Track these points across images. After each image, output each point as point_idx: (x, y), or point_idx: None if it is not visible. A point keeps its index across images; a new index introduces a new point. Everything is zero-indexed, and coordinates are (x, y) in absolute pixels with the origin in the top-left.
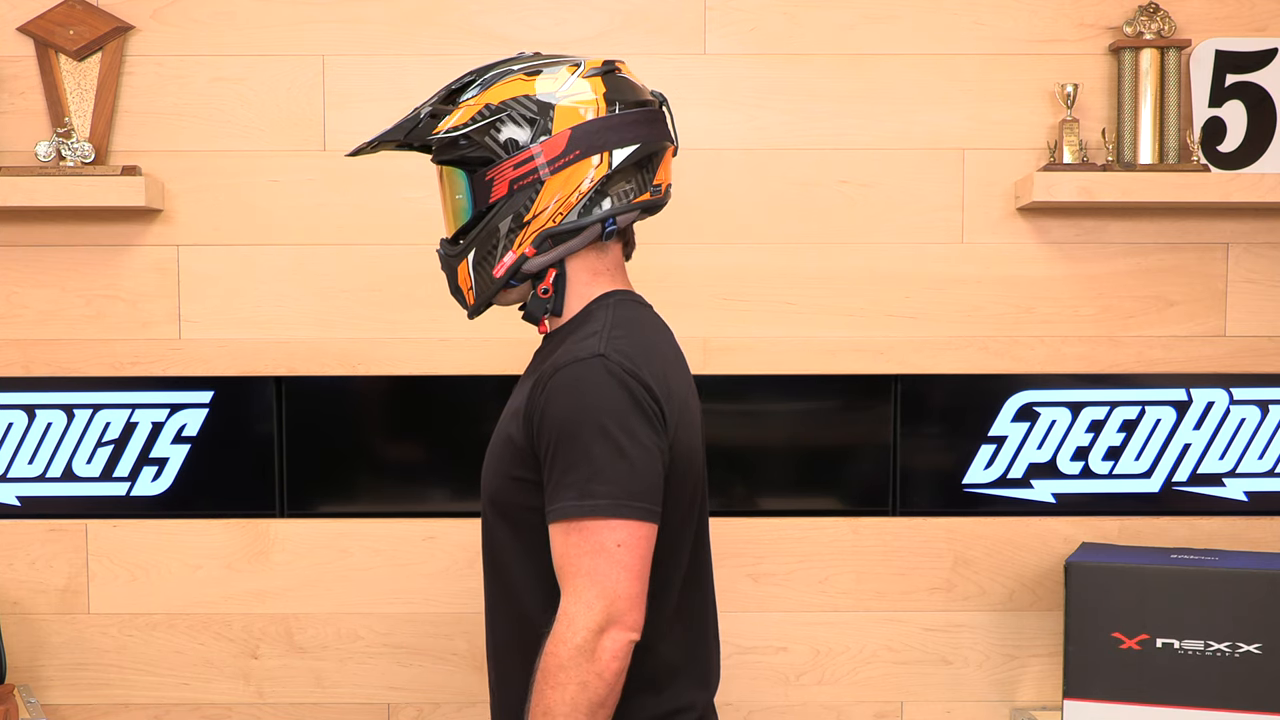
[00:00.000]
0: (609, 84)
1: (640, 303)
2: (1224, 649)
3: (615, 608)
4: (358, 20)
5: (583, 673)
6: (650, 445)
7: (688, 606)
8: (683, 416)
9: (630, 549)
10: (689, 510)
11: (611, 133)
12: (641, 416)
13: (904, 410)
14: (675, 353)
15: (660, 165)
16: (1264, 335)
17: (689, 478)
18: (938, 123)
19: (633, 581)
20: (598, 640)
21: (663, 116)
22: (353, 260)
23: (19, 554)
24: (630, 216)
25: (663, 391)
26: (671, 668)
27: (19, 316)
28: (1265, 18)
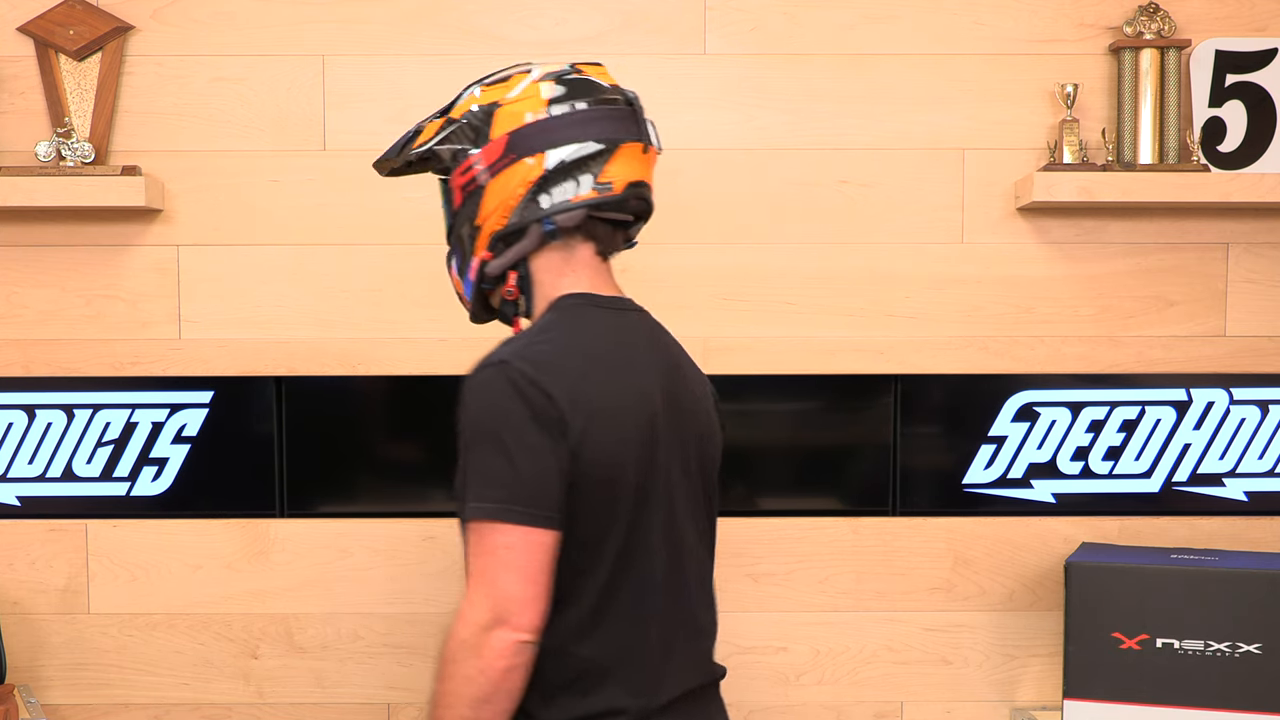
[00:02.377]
0: (559, 87)
1: (601, 304)
2: (1224, 649)
3: (502, 608)
4: (358, 20)
5: (468, 668)
6: (542, 452)
7: (618, 613)
8: (608, 424)
9: (518, 552)
10: (610, 518)
11: (547, 134)
12: (534, 424)
13: (904, 410)
14: (625, 360)
15: (611, 163)
16: (1264, 335)
17: (614, 485)
18: (938, 123)
19: (521, 584)
20: (484, 638)
21: (620, 115)
22: (353, 260)
23: (19, 554)
24: (572, 216)
25: (569, 399)
26: (599, 672)
27: (19, 316)
28: (1265, 18)
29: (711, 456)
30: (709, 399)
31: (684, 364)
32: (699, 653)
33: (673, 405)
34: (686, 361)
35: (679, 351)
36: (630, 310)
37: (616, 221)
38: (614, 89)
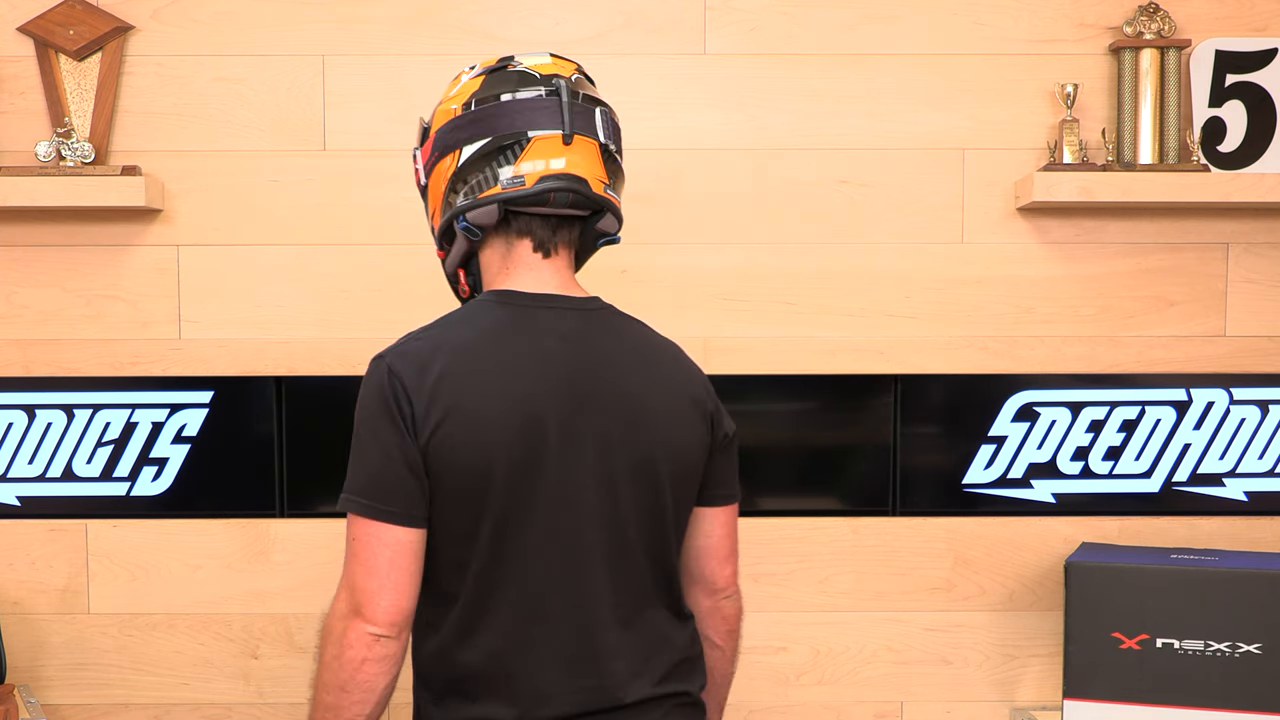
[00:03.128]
0: (487, 81)
1: (511, 302)
2: (1224, 649)
3: (355, 599)
4: (358, 20)
5: (328, 653)
6: (390, 446)
7: (493, 621)
8: (469, 423)
9: (363, 544)
10: (475, 520)
11: (462, 130)
12: (386, 417)
13: (904, 410)
14: (506, 360)
15: (524, 157)
16: (1264, 335)
17: (477, 487)
18: (938, 123)
19: (367, 576)
20: (341, 626)
21: (538, 106)
22: (353, 260)
23: (19, 554)
24: (485, 212)
25: (426, 396)
26: (481, 678)
27: (19, 316)
28: (1265, 18)
29: (671, 465)
30: (682, 402)
31: (633, 366)
32: (596, 676)
33: (590, 409)
34: (643, 364)
35: (628, 353)
36: (556, 309)
37: (562, 216)
38: (545, 79)
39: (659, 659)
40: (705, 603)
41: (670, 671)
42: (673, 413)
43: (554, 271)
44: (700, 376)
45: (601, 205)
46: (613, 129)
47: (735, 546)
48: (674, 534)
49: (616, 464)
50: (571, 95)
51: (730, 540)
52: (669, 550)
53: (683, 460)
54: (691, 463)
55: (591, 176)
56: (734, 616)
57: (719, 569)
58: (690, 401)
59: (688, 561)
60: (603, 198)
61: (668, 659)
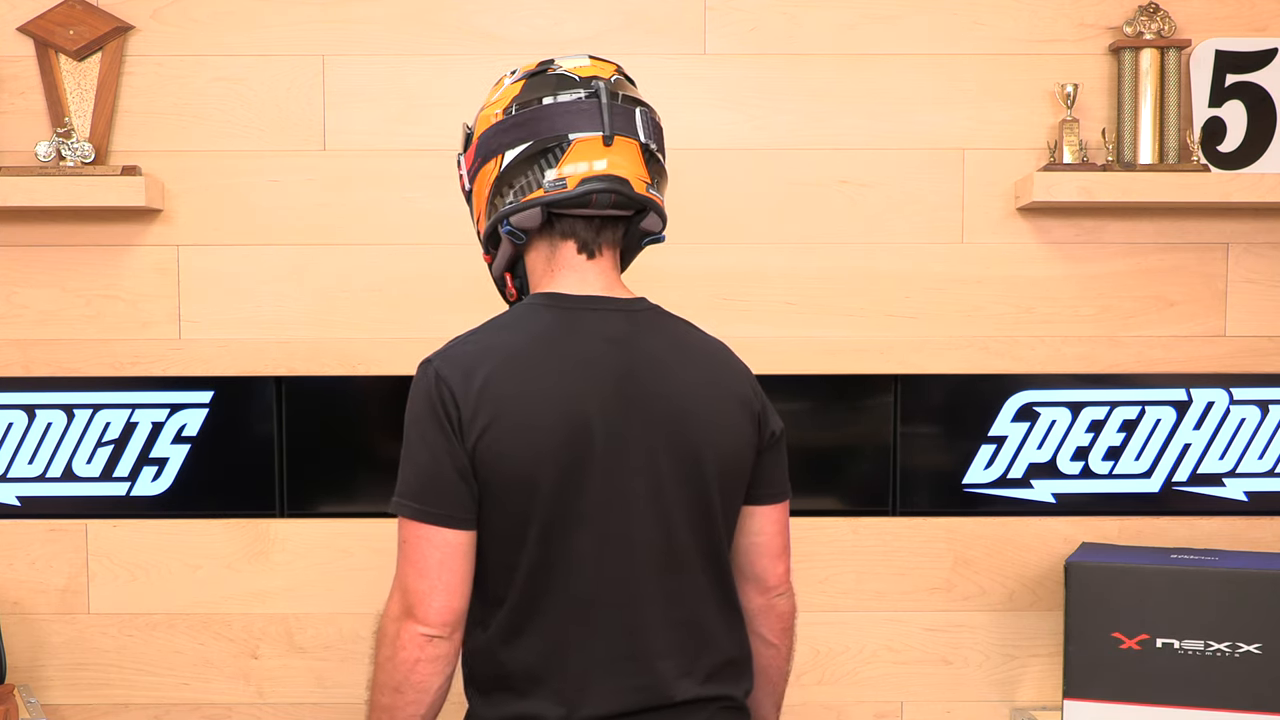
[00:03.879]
0: (527, 86)
1: (557, 305)
2: (1224, 649)
3: (407, 600)
4: (358, 20)
5: (382, 654)
6: (437, 450)
7: (539, 620)
8: (515, 426)
9: (413, 546)
10: (523, 522)
11: (505, 134)
12: (433, 421)
13: (904, 410)
14: (552, 364)
15: (565, 159)
16: (1264, 335)
17: (524, 489)
18: (938, 123)
19: (418, 578)
20: (394, 628)
21: (578, 109)
22: (353, 260)
23: (19, 554)
24: (528, 215)
25: (473, 400)
26: (528, 676)
27: (19, 316)
28: (1265, 18)
29: (718, 465)
30: (729, 402)
31: (679, 367)
32: (643, 675)
33: (637, 411)
34: (690, 364)
35: (675, 354)
36: (602, 311)
37: (605, 217)
38: (584, 81)
39: (706, 659)
40: (758, 600)
41: (716, 672)
42: (720, 413)
43: (599, 273)
44: (747, 376)
45: (644, 205)
46: (653, 128)
47: (787, 544)
48: (724, 533)
49: (664, 466)
50: (611, 96)
51: (781, 538)
52: (720, 550)
53: (730, 460)
54: (739, 462)
55: (633, 176)
56: (788, 614)
57: (770, 567)
58: (737, 401)
59: (739, 560)
60: (645, 197)
61: (714, 659)
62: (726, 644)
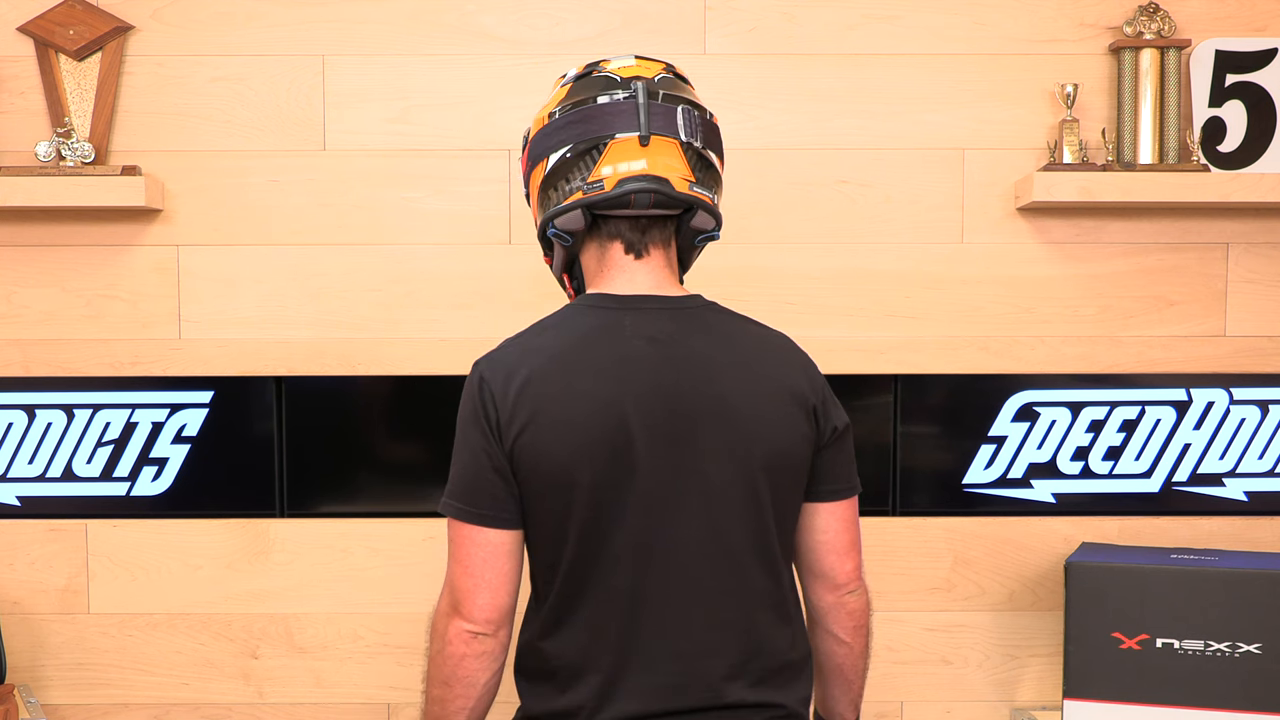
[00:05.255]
0: (574, 88)
1: (602, 305)
2: (1224, 649)
3: (454, 597)
4: (358, 20)
5: (434, 649)
6: (478, 452)
7: (578, 617)
8: (554, 427)
9: (459, 545)
10: (564, 521)
11: (550, 137)
12: (475, 424)
13: (904, 410)
14: (593, 364)
15: (603, 160)
16: (1264, 335)
17: (564, 489)
18: (938, 123)
19: (463, 575)
20: (443, 624)
21: (616, 110)
22: (353, 260)
23: (19, 554)
24: (571, 217)
25: (512, 400)
26: (570, 670)
27: (19, 316)
28: (1265, 18)
29: (768, 463)
30: (780, 398)
31: (725, 364)
32: (688, 674)
33: (679, 410)
34: (738, 361)
35: (721, 351)
36: (647, 310)
37: (653, 217)
38: (625, 82)
39: (758, 662)
40: (828, 598)
41: (769, 677)
42: (769, 408)
43: (648, 272)
44: (806, 371)
45: (688, 203)
46: (698, 126)
47: (855, 540)
48: (777, 532)
49: (708, 463)
50: (650, 96)
51: (849, 534)
52: (773, 552)
53: (781, 456)
54: (792, 459)
55: (674, 175)
56: (859, 611)
57: (839, 564)
58: (791, 397)
59: (806, 557)
60: (688, 196)
61: (767, 663)
62: (782, 646)
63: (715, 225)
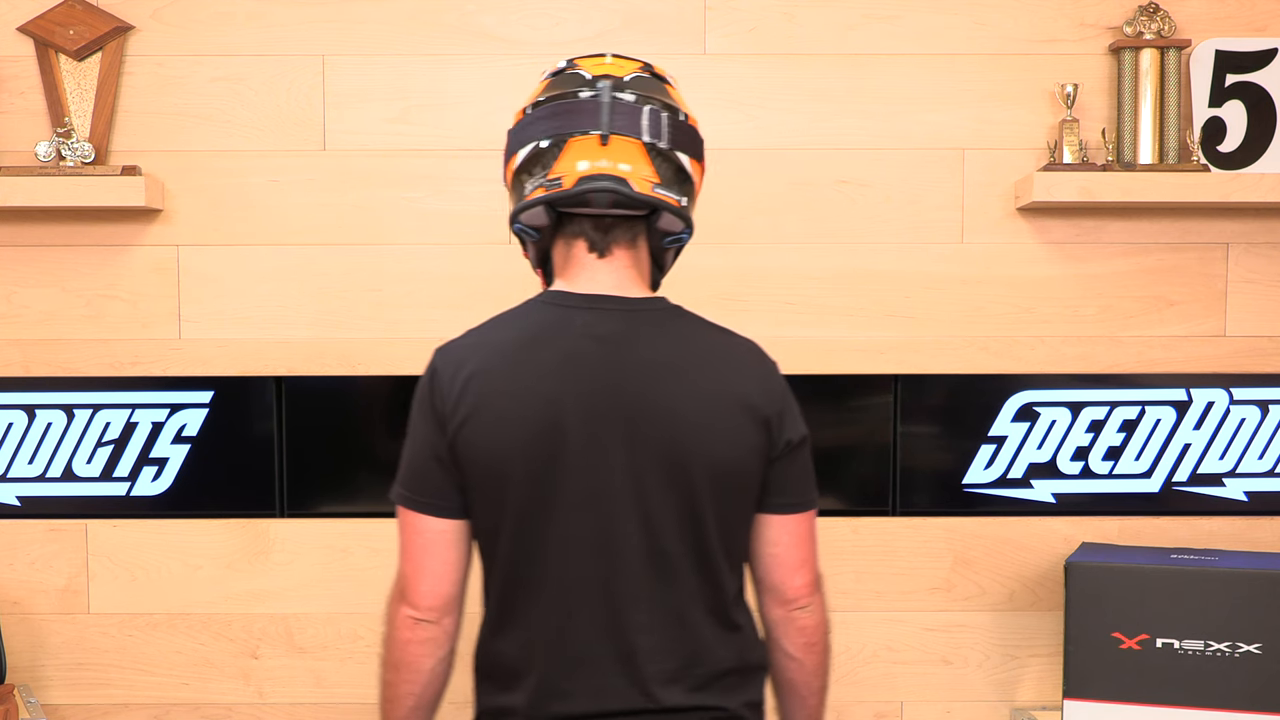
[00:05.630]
0: (549, 85)
1: (556, 302)
2: (1224, 649)
3: (400, 584)
4: (358, 20)
5: (385, 632)
6: (423, 440)
7: (518, 615)
8: (493, 420)
9: (404, 532)
10: (499, 515)
11: (520, 134)
12: (422, 412)
13: (904, 410)
14: (537, 359)
15: (561, 158)
16: (1264, 335)
17: (499, 482)
18: (938, 123)
19: (408, 562)
20: (392, 609)
21: (577, 108)
22: (353, 260)
23: (19, 554)
24: (533, 214)
25: (457, 392)
26: (511, 669)
27: (19, 316)
28: (1265, 18)
29: (709, 471)
30: (728, 407)
31: (673, 369)
32: (625, 677)
33: (618, 412)
34: (688, 367)
35: (671, 355)
36: (600, 309)
37: (618, 217)
38: (593, 80)
39: (701, 668)
40: (777, 612)
41: (712, 682)
42: (716, 417)
43: (610, 271)
44: (763, 381)
45: (649, 204)
46: (666, 127)
47: (808, 556)
48: (719, 541)
49: (646, 467)
50: (615, 95)
51: (800, 550)
52: (713, 559)
53: (724, 465)
54: (738, 469)
55: (635, 176)
56: (811, 628)
57: (787, 578)
58: (742, 406)
59: (757, 569)
60: (650, 197)
61: (709, 669)
62: (724, 654)
63: (684, 228)
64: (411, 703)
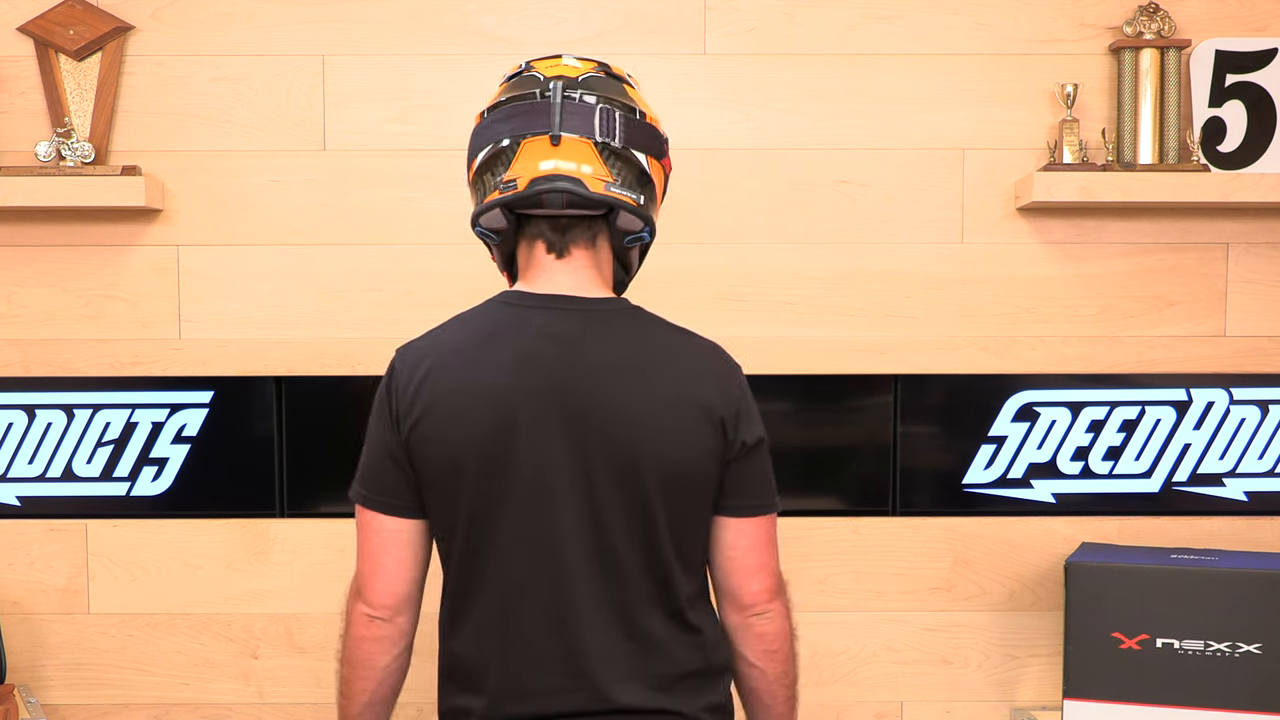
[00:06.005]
0: (506, 87)
1: (513, 302)
2: (1224, 649)
3: (357, 581)
4: (358, 20)
5: (343, 628)
6: (378, 440)
7: (472, 615)
8: (447, 419)
9: (360, 530)
10: (453, 515)
11: (477, 137)
12: (379, 412)
13: (904, 410)
14: (491, 359)
15: (516, 160)
16: (1264, 335)
17: (452, 482)
18: (938, 123)
19: (363, 560)
20: (349, 605)
21: (529, 110)
22: (353, 260)
23: (19, 554)
24: (492, 216)
25: (412, 391)
26: (466, 669)
27: (19, 316)
28: (1265, 18)
29: (660, 473)
30: (683, 408)
31: (626, 370)
32: (578, 677)
33: (569, 411)
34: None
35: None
36: (557, 310)
37: (575, 217)
38: (545, 81)
39: (656, 670)
40: (735, 618)
41: (669, 684)
42: (668, 418)
43: (569, 272)
44: (721, 382)
45: (605, 203)
46: (616, 125)
47: (765, 561)
48: (671, 543)
49: (596, 467)
50: (567, 96)
51: (757, 554)
52: (663, 559)
53: (678, 467)
54: (691, 470)
55: (590, 176)
56: (770, 635)
57: (744, 583)
58: (697, 407)
59: (715, 573)
60: (604, 196)
61: (667, 670)
62: (682, 656)
63: (644, 227)
64: (366, 699)
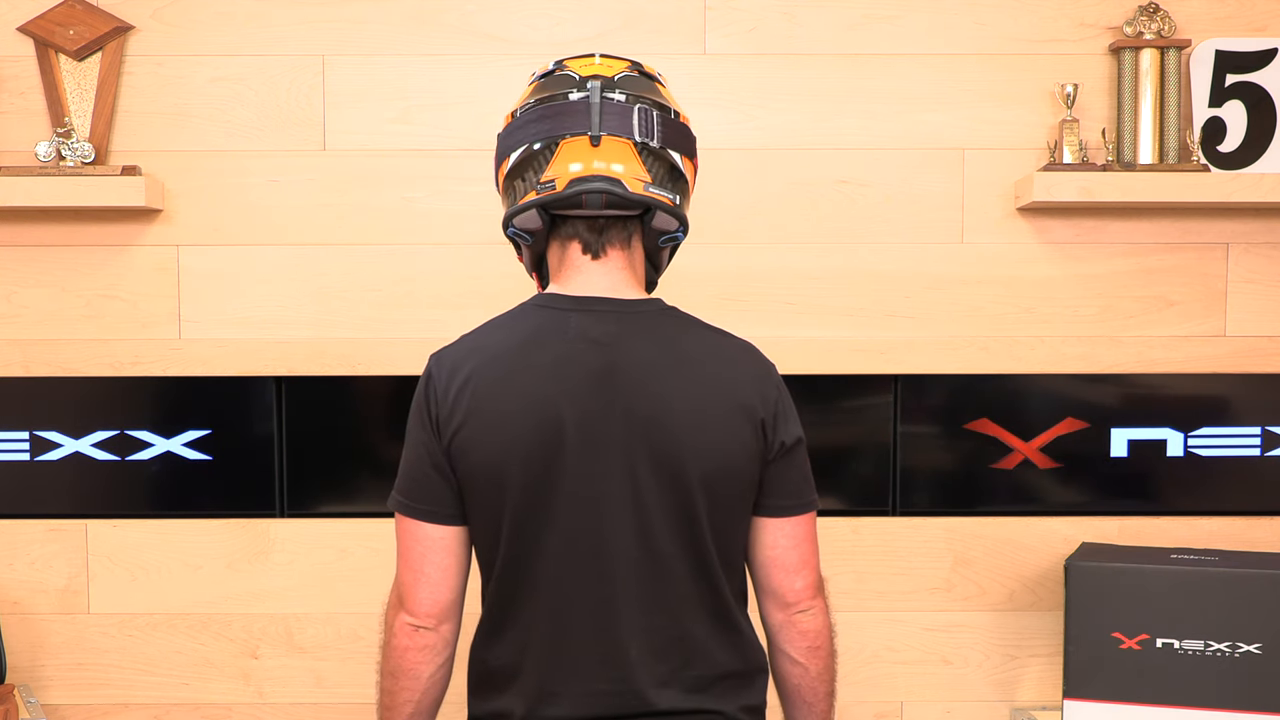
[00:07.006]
0: (537, 87)
1: (551, 305)
2: (1224, 649)
3: (398, 591)
4: (358, 20)
5: (383, 639)
6: (420, 447)
7: (513, 619)
8: (490, 424)
9: (401, 539)
10: (498, 520)
11: (510, 137)
12: (419, 419)
13: (904, 410)
14: (532, 362)
15: (554, 161)
16: (1264, 335)
17: (497, 487)
18: (938, 123)
19: (405, 570)
20: (390, 616)
21: (567, 110)
22: (353, 260)
23: (19, 554)
24: (527, 217)
25: (453, 396)
26: (504, 673)
27: (19, 316)
28: (1265, 18)
29: (703, 473)
30: (723, 409)
31: (666, 370)
32: (618, 681)
33: (613, 414)
34: (682, 368)
35: (665, 357)
36: (594, 312)
37: (611, 217)
38: (582, 81)
39: (694, 670)
40: (778, 616)
41: (709, 685)
42: (709, 418)
43: (604, 273)
44: (759, 383)
45: (643, 204)
46: (658, 126)
47: (807, 558)
48: (715, 543)
49: (641, 470)
50: (606, 95)
51: (798, 552)
52: (708, 560)
53: (719, 469)
54: (732, 471)
55: (628, 176)
56: (813, 632)
57: (786, 581)
58: (736, 407)
59: (757, 573)
60: (642, 196)
61: (705, 671)
62: (722, 657)
63: (679, 227)
64: (410, 710)
